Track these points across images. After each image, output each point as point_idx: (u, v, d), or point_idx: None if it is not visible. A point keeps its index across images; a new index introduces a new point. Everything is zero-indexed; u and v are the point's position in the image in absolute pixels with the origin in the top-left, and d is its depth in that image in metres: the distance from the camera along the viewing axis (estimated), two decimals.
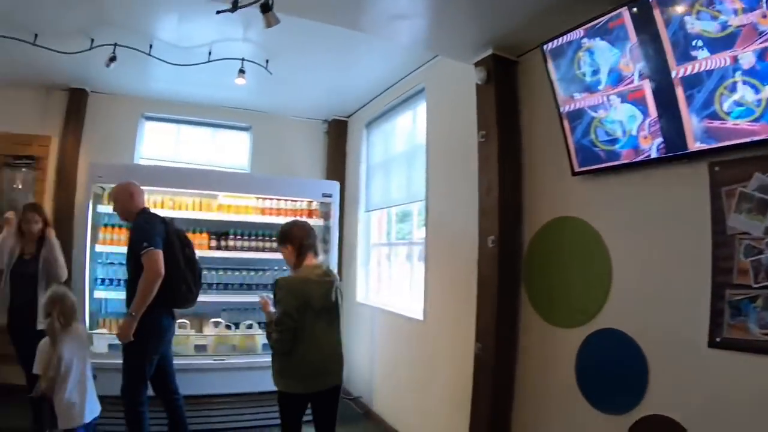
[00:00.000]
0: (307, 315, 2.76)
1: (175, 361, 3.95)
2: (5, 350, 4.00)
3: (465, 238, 3.38)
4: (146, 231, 3.25)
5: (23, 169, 4.98)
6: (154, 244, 3.17)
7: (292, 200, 4.90)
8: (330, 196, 4.86)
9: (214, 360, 4.30)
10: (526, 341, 2.99)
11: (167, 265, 3.21)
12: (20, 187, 4.95)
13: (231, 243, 4.71)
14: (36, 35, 3.88)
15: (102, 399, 3.15)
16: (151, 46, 4.00)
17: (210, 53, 4.07)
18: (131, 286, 3.22)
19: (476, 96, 3.26)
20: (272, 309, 2.92)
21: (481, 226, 3.18)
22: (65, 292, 3.09)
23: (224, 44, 3.95)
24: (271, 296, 2.94)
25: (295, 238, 2.93)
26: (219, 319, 4.63)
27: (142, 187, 4.29)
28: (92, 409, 2.95)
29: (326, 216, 4.95)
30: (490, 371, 3.00)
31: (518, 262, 3.06)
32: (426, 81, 4.19)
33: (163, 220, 3.45)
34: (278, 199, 4.87)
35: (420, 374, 3.95)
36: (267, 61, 4.18)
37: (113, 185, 3.67)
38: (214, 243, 4.64)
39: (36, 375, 2.89)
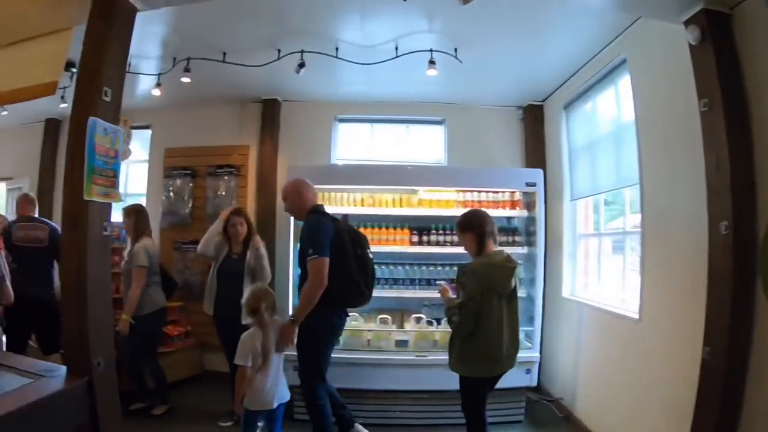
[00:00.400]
0: (491, 299, 3.05)
1: (376, 356, 4.46)
2: (211, 340, 4.89)
3: (689, 225, 3.20)
4: (315, 235, 3.48)
5: (225, 178, 5.95)
6: (320, 251, 3.40)
7: (493, 192, 4.99)
8: (534, 185, 4.86)
9: (416, 356, 4.58)
10: (761, 346, 2.72)
11: (338, 267, 3.46)
12: (224, 193, 5.91)
13: (433, 238, 4.94)
14: (224, 53, 4.59)
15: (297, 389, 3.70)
16: (337, 49, 4.45)
17: (396, 48, 4.37)
18: (302, 284, 3.51)
19: (691, 59, 3.06)
20: (452, 295, 3.28)
21: (710, 209, 2.97)
22: (267, 288, 3.63)
23: (409, 38, 4.23)
24: (445, 282, 3.34)
25: (475, 227, 3.26)
26: (420, 315, 4.90)
27: (339, 186, 4.73)
28: (281, 396, 3.36)
29: (530, 206, 4.96)
30: (720, 379, 2.80)
31: (754, 251, 2.78)
32: (627, 51, 4.01)
33: (334, 220, 3.68)
34: (479, 192, 4.99)
35: (632, 379, 3.81)
36: (455, 50, 4.38)
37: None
38: (415, 238, 4.93)
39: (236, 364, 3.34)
